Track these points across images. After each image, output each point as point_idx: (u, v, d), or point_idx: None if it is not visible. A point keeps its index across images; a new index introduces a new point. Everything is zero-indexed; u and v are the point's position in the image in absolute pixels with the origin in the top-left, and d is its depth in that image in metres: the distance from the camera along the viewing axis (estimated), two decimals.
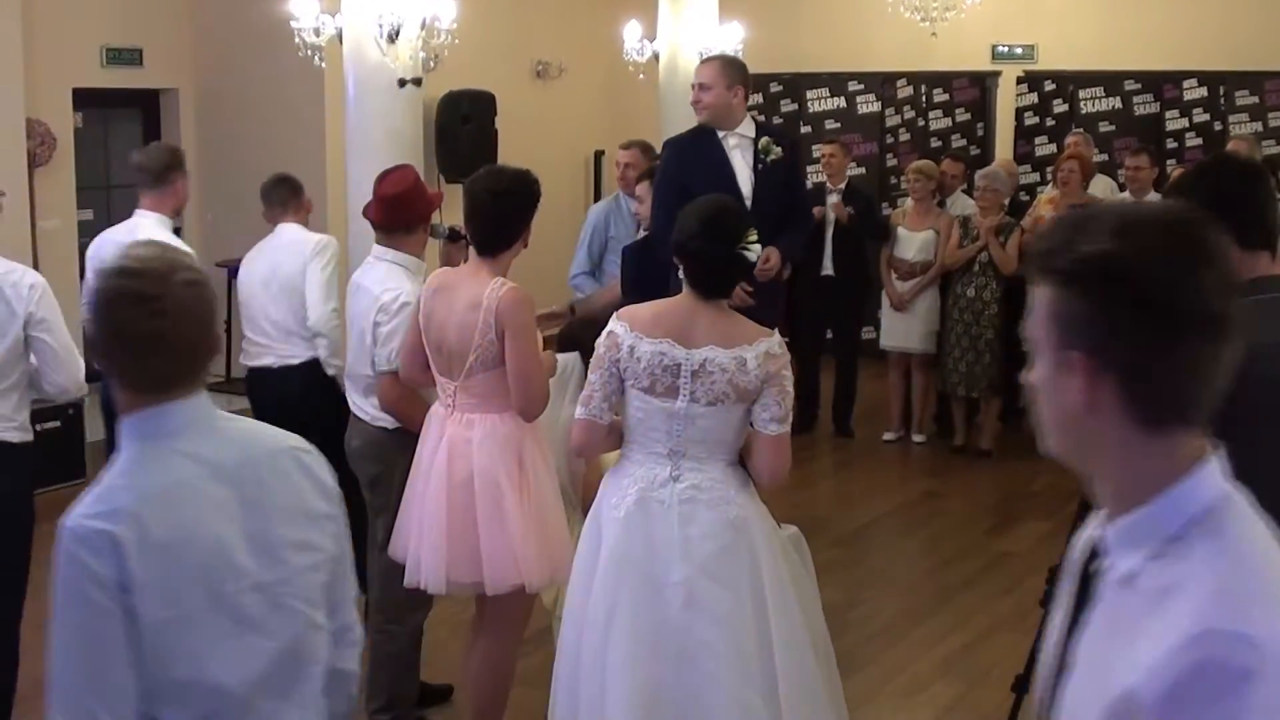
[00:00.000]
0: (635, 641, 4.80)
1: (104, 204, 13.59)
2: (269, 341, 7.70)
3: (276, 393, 7.56)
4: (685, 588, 4.78)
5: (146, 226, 7.29)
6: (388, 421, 6.16)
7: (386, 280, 6.09)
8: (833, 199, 11.18)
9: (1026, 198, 12.89)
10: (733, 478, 4.93)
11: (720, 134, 7.61)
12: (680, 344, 4.78)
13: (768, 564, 4.88)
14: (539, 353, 5.71)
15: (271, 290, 7.65)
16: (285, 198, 7.87)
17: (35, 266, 11.81)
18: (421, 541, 5.64)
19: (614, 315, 4.97)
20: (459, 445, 5.58)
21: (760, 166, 7.57)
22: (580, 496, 5.84)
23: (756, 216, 7.16)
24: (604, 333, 4.93)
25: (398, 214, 6.19)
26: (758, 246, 4.90)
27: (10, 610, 5.93)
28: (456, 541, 5.55)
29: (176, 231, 8.09)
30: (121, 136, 13.83)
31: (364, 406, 6.25)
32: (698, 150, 7.69)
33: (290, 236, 7.76)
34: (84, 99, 12.88)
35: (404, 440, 6.10)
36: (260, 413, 7.31)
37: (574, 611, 5.03)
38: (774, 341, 4.85)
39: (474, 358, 5.51)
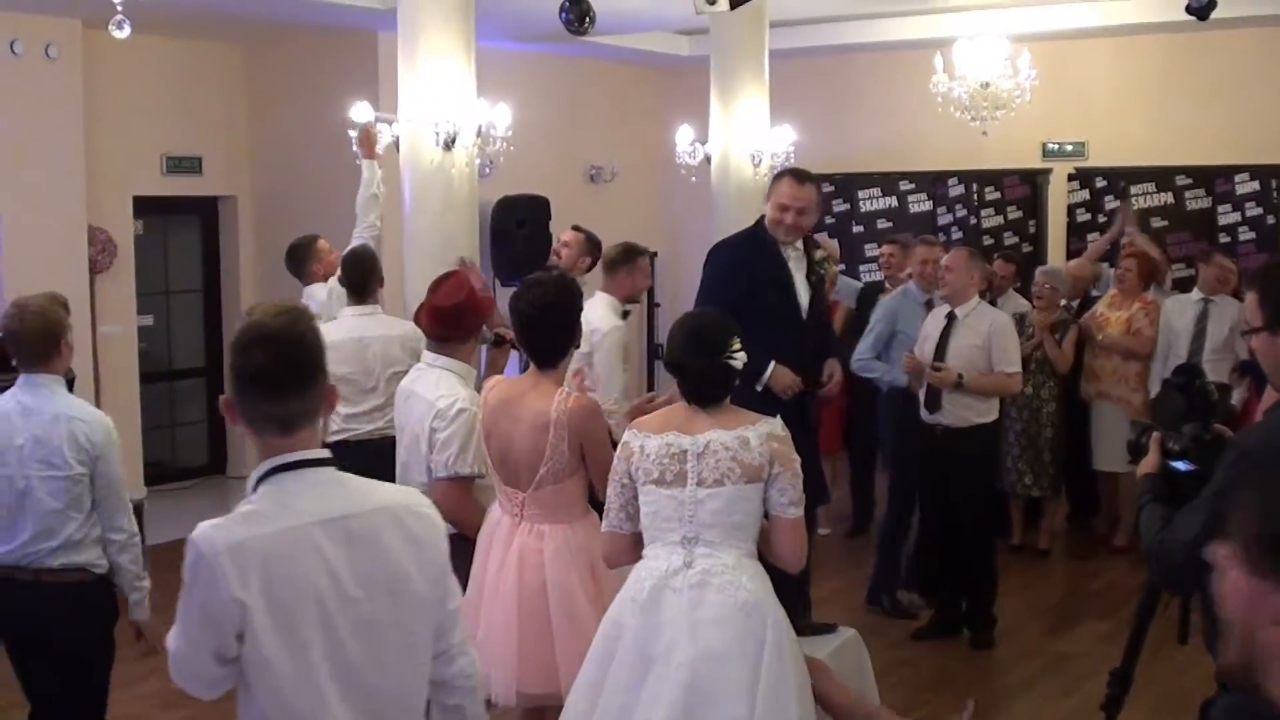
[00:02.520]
0: None
1: (164, 309, 13.76)
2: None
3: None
4: (688, 669, 4.81)
5: (594, 303, 8.46)
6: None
7: (439, 387, 6.11)
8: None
9: (1096, 294, 12.73)
10: (746, 565, 4.97)
11: (781, 245, 7.51)
12: (684, 433, 4.99)
13: (771, 652, 4.87)
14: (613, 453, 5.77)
15: None
16: None
17: (95, 371, 11.98)
18: (491, 653, 5.60)
19: (628, 427, 5.20)
20: (530, 556, 5.64)
21: (814, 278, 7.56)
22: None
23: (812, 327, 7.34)
24: (620, 445, 5.14)
25: (452, 324, 6.22)
26: (742, 355, 5.05)
27: None
28: (528, 652, 5.58)
29: (624, 315, 8.93)
30: (181, 243, 14.03)
31: None
32: (759, 258, 7.54)
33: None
34: (144, 206, 13.09)
35: (457, 547, 6.12)
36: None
37: (578, 691, 5.05)
38: (775, 424, 5.02)
39: (545, 470, 5.61)
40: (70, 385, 5.97)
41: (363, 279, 8.27)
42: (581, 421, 5.60)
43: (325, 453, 3.50)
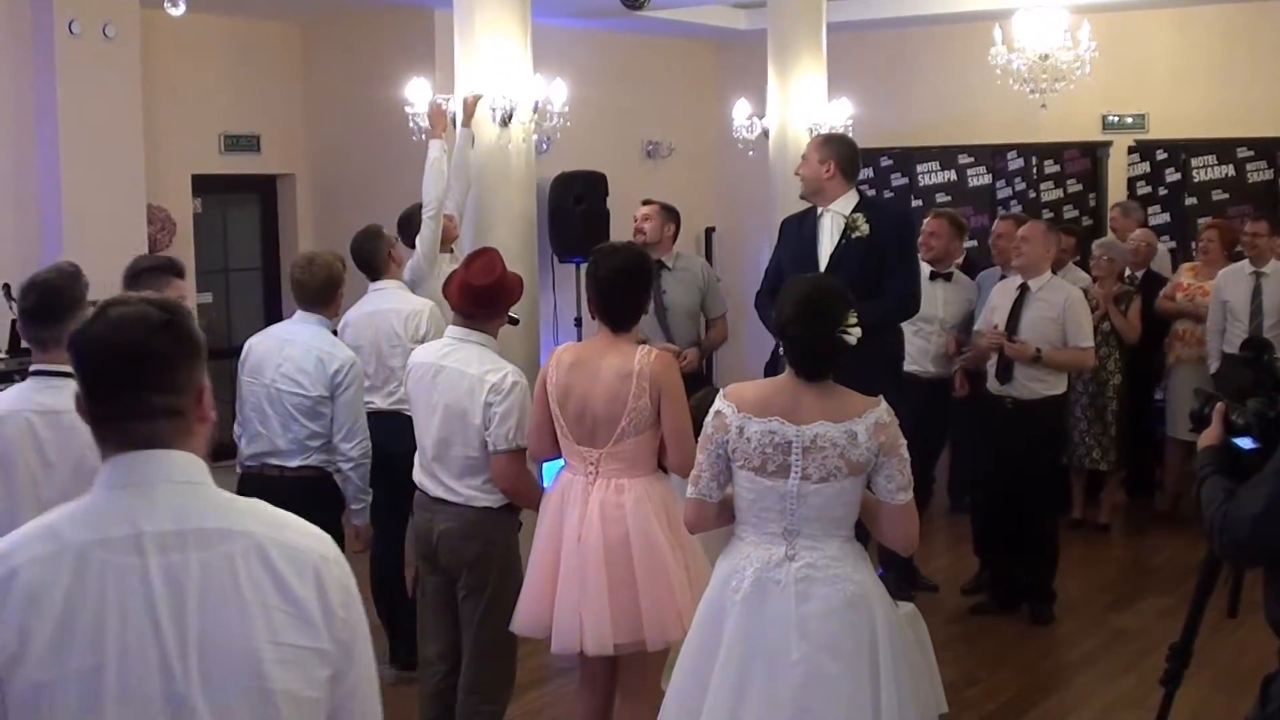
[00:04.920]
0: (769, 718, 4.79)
1: (223, 287, 13.82)
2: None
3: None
4: (803, 666, 4.75)
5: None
6: (490, 500, 6.18)
7: (484, 362, 6.13)
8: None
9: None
10: (849, 554, 4.91)
11: (819, 210, 7.78)
12: (790, 421, 4.79)
13: (885, 640, 4.85)
14: (688, 412, 5.79)
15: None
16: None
17: None
18: (581, 607, 5.72)
19: (720, 394, 4.99)
20: (611, 510, 5.71)
21: (843, 241, 7.63)
22: None
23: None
24: (711, 412, 4.96)
25: (483, 303, 6.25)
26: (858, 329, 4.83)
27: None
28: (618, 603, 5.63)
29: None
30: (239, 221, 14.08)
31: (456, 488, 6.24)
32: (796, 226, 7.92)
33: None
34: (203, 185, 13.14)
35: (506, 518, 6.23)
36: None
37: (682, 688, 5.03)
38: (881, 410, 4.85)
39: (627, 422, 5.68)
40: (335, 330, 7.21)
41: (366, 261, 8.34)
42: (664, 371, 5.72)
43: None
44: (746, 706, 4.79)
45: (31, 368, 5.23)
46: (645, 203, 10.00)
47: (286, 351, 6.98)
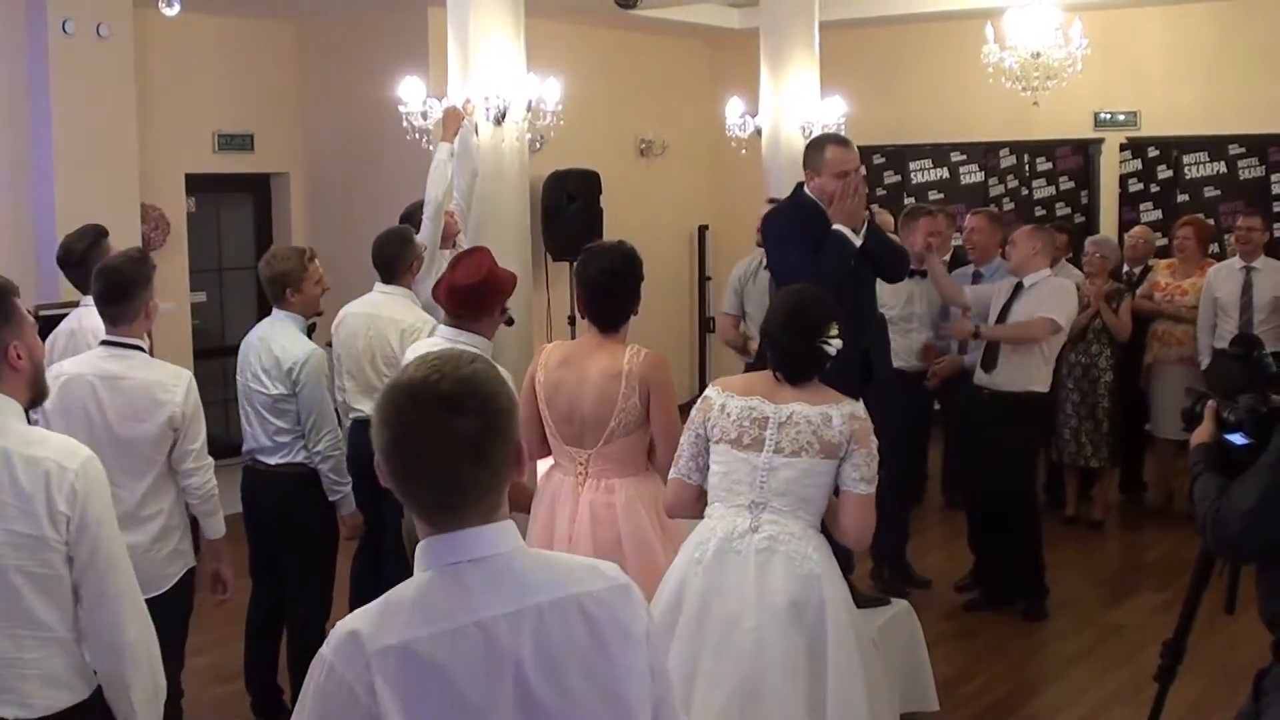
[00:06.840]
0: (715, 686, 4.93)
1: (216, 286, 13.82)
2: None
3: None
4: (755, 635, 4.91)
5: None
6: None
7: None
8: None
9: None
10: (812, 537, 5.07)
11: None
12: (769, 401, 5.08)
13: (834, 625, 4.96)
14: (678, 412, 5.80)
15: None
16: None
17: (150, 349, 12.05)
18: None
19: (711, 383, 5.30)
20: (601, 510, 5.70)
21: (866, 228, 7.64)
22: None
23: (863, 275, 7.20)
24: (700, 398, 5.24)
25: (470, 303, 6.22)
26: (837, 341, 5.11)
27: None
28: None
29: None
30: (233, 220, 14.09)
31: None
32: (814, 221, 7.62)
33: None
34: (196, 184, 13.15)
35: None
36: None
37: None
38: (859, 406, 5.11)
39: (616, 423, 5.66)
40: (311, 327, 7.34)
41: (386, 262, 8.01)
42: (653, 370, 5.68)
43: None
44: (700, 671, 4.95)
45: (102, 339, 6.06)
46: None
47: (256, 350, 7.19)
